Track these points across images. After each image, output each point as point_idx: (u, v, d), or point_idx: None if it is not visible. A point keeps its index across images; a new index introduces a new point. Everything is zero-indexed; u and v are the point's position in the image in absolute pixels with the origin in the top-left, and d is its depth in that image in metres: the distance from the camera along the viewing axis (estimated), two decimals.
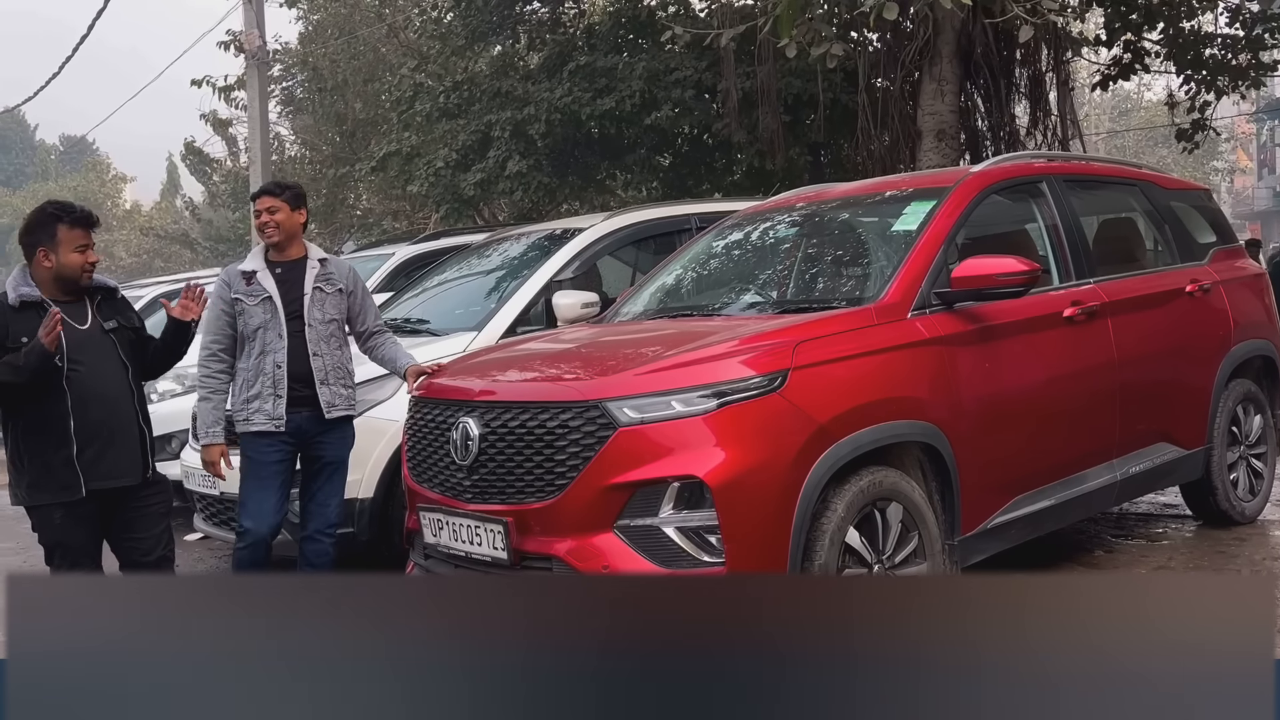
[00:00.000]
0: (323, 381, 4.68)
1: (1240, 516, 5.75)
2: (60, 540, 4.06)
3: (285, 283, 4.70)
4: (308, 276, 4.74)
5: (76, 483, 3.97)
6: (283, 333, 4.63)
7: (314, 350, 4.67)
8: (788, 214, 5.48)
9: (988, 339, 4.41)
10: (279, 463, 4.69)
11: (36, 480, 4.00)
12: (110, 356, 4.12)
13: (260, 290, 4.67)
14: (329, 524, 4.80)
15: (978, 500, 4.28)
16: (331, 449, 4.78)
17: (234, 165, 24.72)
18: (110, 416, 4.06)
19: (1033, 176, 5.23)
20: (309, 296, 4.71)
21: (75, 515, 4.03)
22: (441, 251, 8.07)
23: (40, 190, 47.82)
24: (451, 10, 14.18)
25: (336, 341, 4.78)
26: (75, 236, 4.04)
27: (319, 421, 4.70)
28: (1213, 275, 5.73)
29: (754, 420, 3.71)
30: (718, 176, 13.83)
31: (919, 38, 9.87)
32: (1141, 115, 39.75)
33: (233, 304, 4.68)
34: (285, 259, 4.77)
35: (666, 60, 12.12)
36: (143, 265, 33.72)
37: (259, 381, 4.62)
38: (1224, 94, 11.76)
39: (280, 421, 4.61)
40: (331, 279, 4.80)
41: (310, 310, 4.69)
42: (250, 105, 14.46)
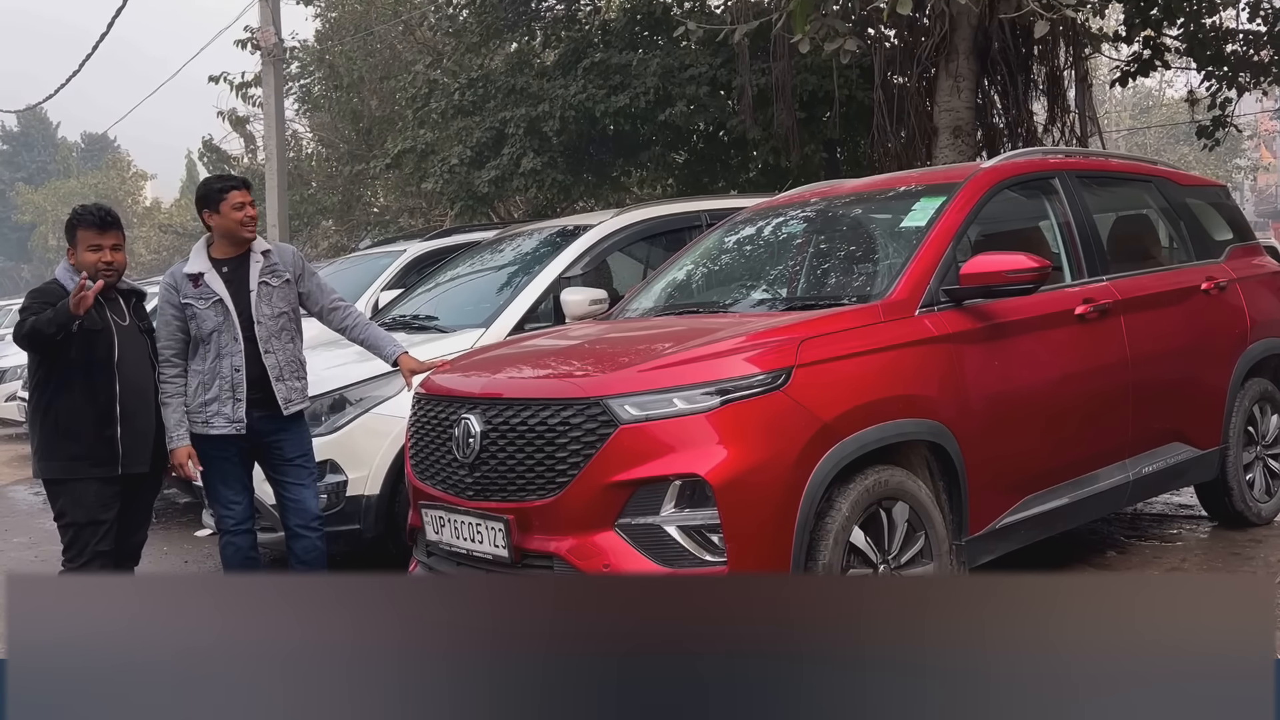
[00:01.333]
0: (278, 378, 4.61)
1: (1256, 518, 5.68)
2: (94, 518, 4.28)
3: (233, 282, 4.58)
4: (252, 272, 4.63)
5: (115, 460, 4.30)
6: (238, 335, 4.54)
7: (265, 349, 4.58)
8: (797, 210, 5.43)
9: (997, 336, 4.36)
10: (237, 455, 4.65)
11: (79, 454, 4.27)
12: (144, 353, 4.47)
13: (209, 293, 4.54)
14: (312, 517, 4.73)
15: (986, 500, 4.23)
16: (291, 444, 4.71)
17: (251, 162, 24.85)
18: (144, 407, 4.40)
19: (1045, 172, 5.16)
20: (255, 293, 4.60)
21: (108, 494, 4.30)
22: (453, 248, 8.07)
23: (62, 188, 48.28)
24: (467, 7, 14.19)
25: (288, 335, 4.69)
26: (88, 236, 4.36)
27: (274, 419, 4.63)
28: (1229, 273, 5.65)
29: (757, 418, 3.67)
30: (733, 173, 13.79)
31: (935, 34, 9.80)
32: (1163, 112, 39.48)
33: (183, 308, 4.55)
34: (229, 256, 4.64)
35: (681, 57, 12.08)
36: (163, 262, 33.91)
37: (215, 384, 4.53)
38: (1245, 90, 11.64)
39: (241, 424, 4.55)
40: (277, 270, 4.68)
41: (258, 307, 4.59)
42: (266, 103, 14.50)
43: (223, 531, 4.73)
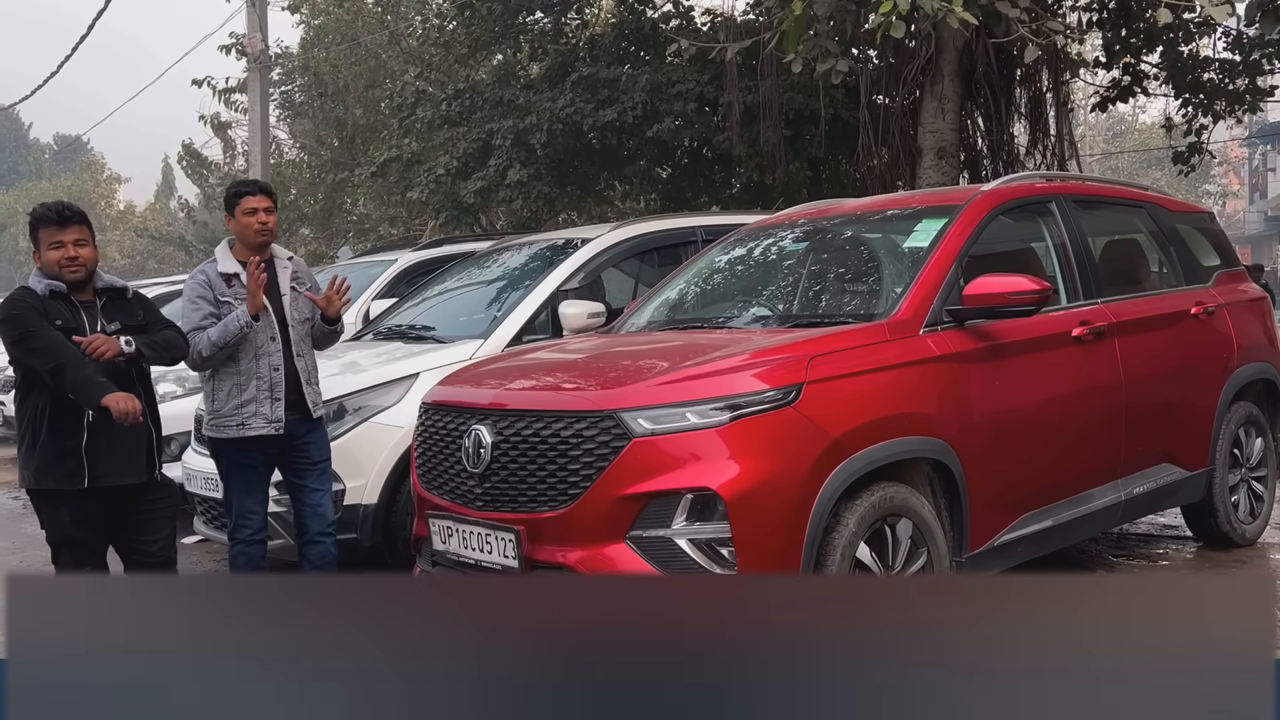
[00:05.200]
0: (307, 382, 4.68)
1: (1240, 539, 5.78)
2: (68, 537, 4.11)
3: (265, 285, 4.59)
4: (282, 278, 4.69)
5: (81, 473, 4.04)
6: (275, 335, 4.59)
7: (297, 351, 4.66)
8: (796, 228, 5.49)
9: (998, 357, 4.43)
10: (263, 465, 4.68)
11: (44, 465, 4.07)
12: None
13: (244, 294, 4.55)
14: (327, 524, 4.78)
15: (986, 517, 4.29)
16: (317, 449, 4.76)
17: (230, 168, 24.69)
18: None
19: (1042, 196, 5.25)
20: (287, 297, 4.66)
21: (83, 512, 4.09)
22: (444, 259, 8.07)
23: (34, 190, 47.70)
24: (454, 19, 14.21)
25: (309, 341, 4.77)
26: (49, 234, 4.13)
27: (305, 423, 4.68)
28: (1216, 298, 5.76)
29: (768, 433, 3.71)
30: (716, 189, 13.87)
31: (921, 55, 9.92)
32: (1135, 137, 39.99)
33: (219, 306, 4.58)
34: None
35: (669, 73, 12.16)
36: (136, 266, 33.63)
37: (253, 385, 4.55)
38: (1221, 118, 11.84)
39: (279, 424, 4.58)
40: (299, 278, 4.77)
41: (290, 312, 4.66)
42: (250, 109, 14.47)
43: (236, 541, 4.69)
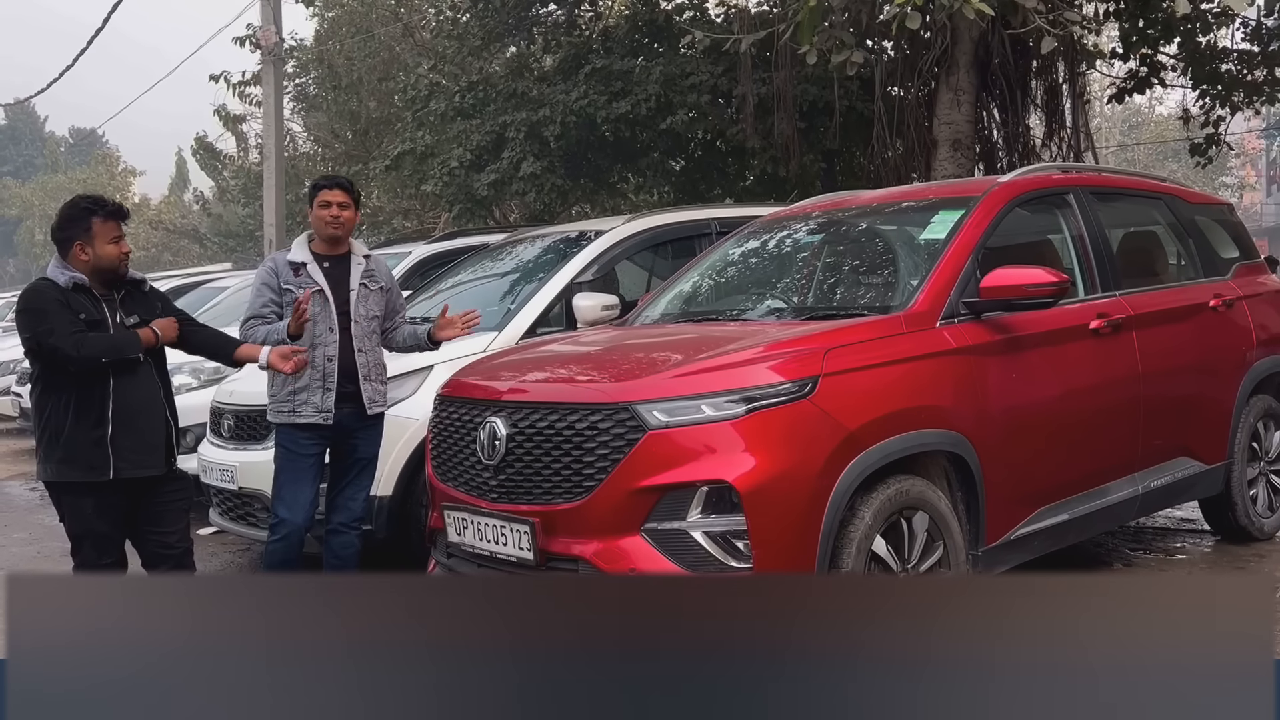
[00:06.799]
0: (365, 378, 4.77)
1: (1259, 533, 5.74)
2: (91, 529, 4.14)
3: (332, 278, 4.76)
4: (354, 273, 4.81)
5: (106, 464, 4.07)
6: (334, 326, 4.71)
7: (359, 346, 4.76)
8: (811, 221, 5.47)
9: (1015, 349, 4.40)
10: (315, 455, 4.76)
11: (68, 457, 4.08)
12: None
13: (310, 282, 4.72)
14: (355, 517, 4.88)
15: (1002, 511, 4.27)
16: (365, 445, 4.86)
17: (244, 161, 24.76)
18: (143, 408, 4.16)
19: (1059, 188, 5.22)
20: (355, 293, 4.78)
21: (106, 504, 4.11)
22: (459, 251, 8.07)
23: (49, 183, 47.96)
24: (468, 11, 14.19)
25: (376, 339, 4.87)
26: (109, 229, 4.15)
27: (359, 417, 4.77)
28: (1236, 290, 5.72)
29: (784, 426, 3.70)
30: (730, 182, 13.83)
31: (936, 47, 9.87)
32: (1152, 129, 39.77)
33: (281, 293, 4.73)
34: (332, 254, 4.82)
35: (683, 65, 12.11)
36: (151, 259, 33.68)
37: (307, 373, 4.65)
38: (1239, 109, 11.75)
39: (329, 414, 4.68)
40: (374, 276, 4.88)
41: (356, 307, 4.77)
42: (265, 101, 14.48)
43: (281, 534, 4.70)
